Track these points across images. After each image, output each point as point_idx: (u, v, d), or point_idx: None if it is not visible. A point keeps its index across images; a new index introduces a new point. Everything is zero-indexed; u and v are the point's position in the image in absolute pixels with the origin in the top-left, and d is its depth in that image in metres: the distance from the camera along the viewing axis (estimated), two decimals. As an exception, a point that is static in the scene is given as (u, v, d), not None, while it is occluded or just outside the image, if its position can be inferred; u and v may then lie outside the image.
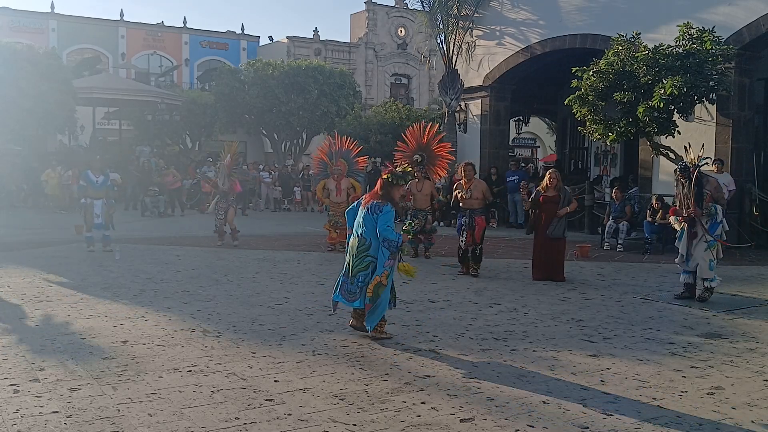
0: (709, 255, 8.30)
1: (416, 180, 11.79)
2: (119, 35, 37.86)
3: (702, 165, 8.53)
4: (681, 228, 8.59)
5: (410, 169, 7.51)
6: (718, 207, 8.39)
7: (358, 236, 6.31)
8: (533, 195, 10.17)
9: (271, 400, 4.62)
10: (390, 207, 6.26)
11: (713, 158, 13.21)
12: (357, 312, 6.42)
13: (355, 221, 6.42)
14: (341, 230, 12.02)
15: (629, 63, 12.93)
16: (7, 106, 20.87)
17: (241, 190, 14.45)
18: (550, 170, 10.57)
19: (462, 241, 10.33)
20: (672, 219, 8.78)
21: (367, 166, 25.11)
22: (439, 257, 12.13)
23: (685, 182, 8.34)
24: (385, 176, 6.41)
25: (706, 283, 8.34)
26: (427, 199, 12.13)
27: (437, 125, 11.97)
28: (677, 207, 8.59)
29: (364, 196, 6.59)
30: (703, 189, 8.31)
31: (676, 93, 12.20)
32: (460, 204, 10.49)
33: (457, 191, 10.58)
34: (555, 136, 28.38)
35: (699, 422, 4.35)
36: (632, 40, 13.41)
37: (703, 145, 9.12)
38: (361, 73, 41.13)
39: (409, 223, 6.82)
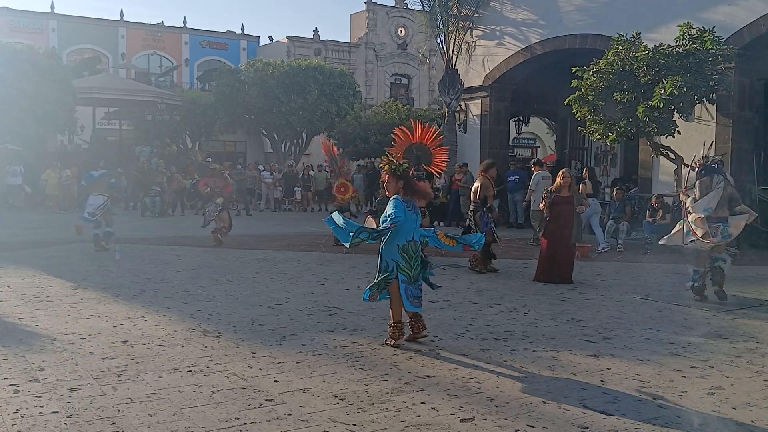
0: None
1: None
2: (119, 35, 37.87)
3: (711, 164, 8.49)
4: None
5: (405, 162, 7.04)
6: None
7: (414, 240, 6.05)
8: (547, 197, 9.93)
9: (271, 400, 4.61)
10: (396, 198, 6.06)
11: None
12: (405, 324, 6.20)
13: (405, 226, 5.99)
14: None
15: (629, 63, 12.93)
16: (7, 106, 20.87)
17: (232, 190, 14.35)
18: (563, 170, 10.34)
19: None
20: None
21: (364, 167, 25.24)
22: (439, 257, 12.12)
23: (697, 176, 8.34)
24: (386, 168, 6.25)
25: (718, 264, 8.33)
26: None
27: (435, 126, 11.73)
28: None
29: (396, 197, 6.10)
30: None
31: (676, 93, 12.20)
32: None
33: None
34: (555, 136, 28.38)
35: (699, 422, 4.35)
36: (632, 40, 13.41)
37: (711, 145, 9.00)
38: (361, 73, 41.13)
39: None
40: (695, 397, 4.84)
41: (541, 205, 10.10)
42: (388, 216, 5.96)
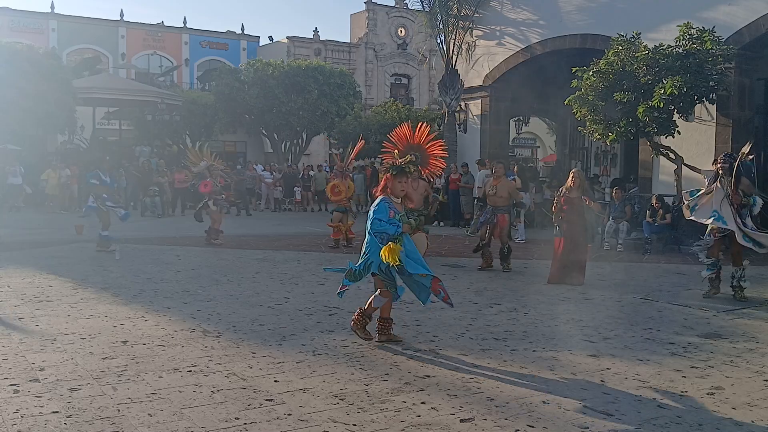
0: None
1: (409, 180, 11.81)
2: (119, 35, 37.91)
3: (747, 159, 8.51)
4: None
5: (411, 164, 6.56)
6: (757, 199, 8.39)
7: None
8: (557, 197, 9.82)
9: (271, 400, 4.61)
10: (384, 198, 5.92)
11: (713, 159, 13.23)
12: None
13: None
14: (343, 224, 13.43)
15: (629, 63, 12.94)
16: (7, 106, 20.87)
17: (208, 190, 13.73)
18: (573, 170, 10.14)
19: (478, 234, 10.98)
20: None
21: (365, 167, 25.25)
22: (438, 257, 12.13)
23: (724, 173, 8.33)
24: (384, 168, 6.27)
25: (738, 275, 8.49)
26: (422, 200, 12.15)
27: (425, 123, 11.71)
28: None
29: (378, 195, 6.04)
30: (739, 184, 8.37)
31: (676, 93, 12.21)
32: (487, 200, 10.85)
33: (486, 187, 10.99)
34: (555, 136, 28.38)
35: (699, 422, 4.35)
36: (632, 40, 13.42)
37: (750, 145, 9.01)
38: (361, 73, 41.15)
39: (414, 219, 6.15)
40: (695, 397, 4.84)
41: (553, 207, 10.10)
42: (372, 221, 5.78)
